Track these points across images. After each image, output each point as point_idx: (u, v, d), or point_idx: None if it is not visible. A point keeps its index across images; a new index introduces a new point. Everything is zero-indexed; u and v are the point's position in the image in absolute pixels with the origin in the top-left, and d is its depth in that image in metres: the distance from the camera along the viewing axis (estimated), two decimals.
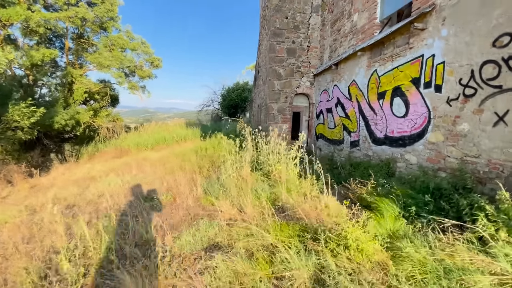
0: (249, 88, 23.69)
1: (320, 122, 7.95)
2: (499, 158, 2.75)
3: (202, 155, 7.85)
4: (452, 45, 3.28)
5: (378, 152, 4.91)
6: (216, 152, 8.31)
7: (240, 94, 22.17)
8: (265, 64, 8.99)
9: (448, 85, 3.36)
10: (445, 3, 3.38)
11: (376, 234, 2.55)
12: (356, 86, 5.74)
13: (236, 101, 21.78)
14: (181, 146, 11.58)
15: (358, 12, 5.75)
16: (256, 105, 11.92)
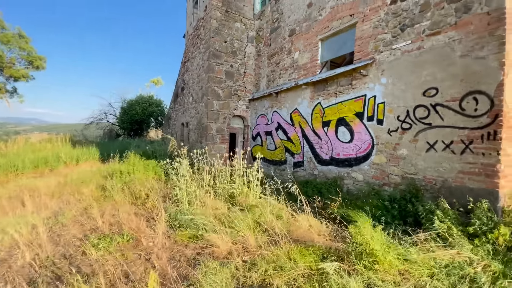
0: (155, 102, 21.86)
1: (258, 144, 8.34)
2: (432, 175, 3.84)
3: (127, 182, 6.60)
4: (391, 90, 4.41)
5: (325, 171, 5.68)
6: (147, 177, 7.18)
7: (145, 108, 20.07)
8: (199, 83, 8.74)
9: (388, 120, 4.43)
10: (383, 59, 4.54)
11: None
12: (299, 114, 6.51)
13: (141, 116, 19.51)
14: (76, 170, 9.26)
15: (299, 51, 6.68)
16: (180, 123, 11.16)
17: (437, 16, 3.83)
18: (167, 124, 14.07)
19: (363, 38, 4.92)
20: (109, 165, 9.10)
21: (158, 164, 7.84)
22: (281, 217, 4.08)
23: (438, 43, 3.80)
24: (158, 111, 21.50)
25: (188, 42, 10.59)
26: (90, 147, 11.82)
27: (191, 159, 8.01)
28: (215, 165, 6.76)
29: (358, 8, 5.03)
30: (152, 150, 9.72)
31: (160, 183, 6.63)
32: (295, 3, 6.89)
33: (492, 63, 3.24)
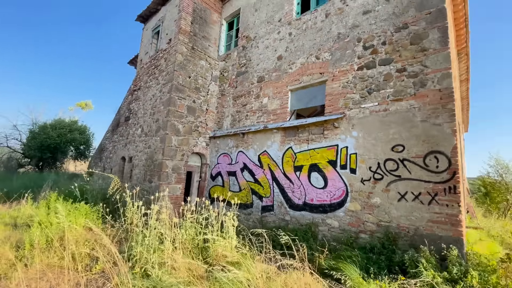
0: (79, 128, 18.84)
1: (218, 184, 7.81)
2: (405, 223, 4.21)
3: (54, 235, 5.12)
4: (362, 143, 4.90)
5: (297, 217, 5.62)
6: (79, 226, 5.73)
7: (63, 134, 16.98)
8: (154, 115, 7.99)
9: (361, 170, 4.83)
10: (353, 115, 5.10)
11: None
12: (268, 156, 6.51)
13: (56, 142, 16.30)
14: None
15: (268, 97, 6.96)
16: (119, 157, 9.68)
17: (398, 86, 4.63)
18: (98, 157, 11.99)
19: (333, 94, 5.49)
20: (15, 209, 6.89)
21: (95, 209, 6.36)
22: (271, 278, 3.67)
23: (402, 108, 4.53)
24: (81, 139, 18.42)
25: (141, 71, 9.80)
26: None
27: (144, 203, 6.85)
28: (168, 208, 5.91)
29: (328, 68, 5.69)
30: (82, 189, 7.93)
31: (102, 235, 5.27)
32: (264, 53, 7.36)
33: (447, 130, 4.00)
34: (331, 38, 5.80)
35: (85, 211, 6.31)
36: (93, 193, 7.78)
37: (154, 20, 9.69)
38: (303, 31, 6.43)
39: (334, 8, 5.90)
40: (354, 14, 5.52)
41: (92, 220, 6.29)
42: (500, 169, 9.60)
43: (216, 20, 9.17)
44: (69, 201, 7.34)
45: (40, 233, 4.79)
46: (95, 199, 7.75)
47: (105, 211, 6.58)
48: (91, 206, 6.60)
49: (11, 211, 6.92)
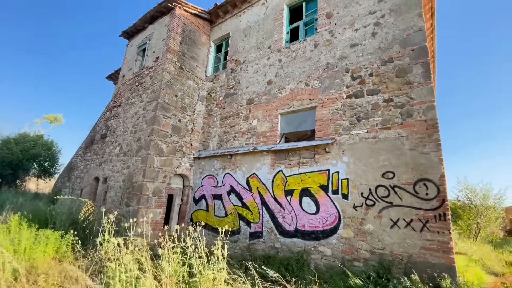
0: (45, 144, 17.39)
1: (201, 208, 7.43)
2: (398, 250, 4.22)
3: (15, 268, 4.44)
4: (353, 169, 4.97)
5: (288, 244, 5.43)
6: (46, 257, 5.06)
7: (27, 150, 15.54)
8: (136, 133, 7.62)
9: (353, 195, 4.86)
10: (344, 141, 5.22)
11: None
12: (257, 179, 6.37)
13: (19, 158, 14.84)
14: None
15: (257, 120, 6.96)
16: (92, 177, 8.95)
17: (386, 115, 4.87)
18: (66, 176, 11.00)
19: (323, 120, 5.63)
20: None
21: (65, 237, 5.67)
22: None
23: (390, 136, 4.73)
24: (46, 155, 16.93)
25: (122, 87, 9.43)
26: None
27: (122, 230, 6.24)
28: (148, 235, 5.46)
29: (317, 95, 5.88)
30: (50, 212, 7.11)
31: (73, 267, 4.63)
32: (254, 77, 7.48)
33: (434, 159, 4.21)
34: (320, 67, 6.06)
35: (54, 239, 5.59)
36: (62, 218, 6.97)
37: (140, 37, 9.54)
38: (293, 58, 6.67)
39: (323, 39, 6.23)
40: (342, 46, 5.86)
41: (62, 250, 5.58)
42: (469, 193, 10.31)
43: (205, 42, 9.26)
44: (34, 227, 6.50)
45: (3, 265, 4.08)
46: (64, 224, 6.94)
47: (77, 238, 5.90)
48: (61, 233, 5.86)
49: None
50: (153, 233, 6.79)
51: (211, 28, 9.53)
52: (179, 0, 8.24)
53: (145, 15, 8.90)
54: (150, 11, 8.72)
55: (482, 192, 9.81)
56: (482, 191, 9.87)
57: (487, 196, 9.68)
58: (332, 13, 6.28)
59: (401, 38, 5.12)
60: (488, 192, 9.93)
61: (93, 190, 8.94)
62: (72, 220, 7.61)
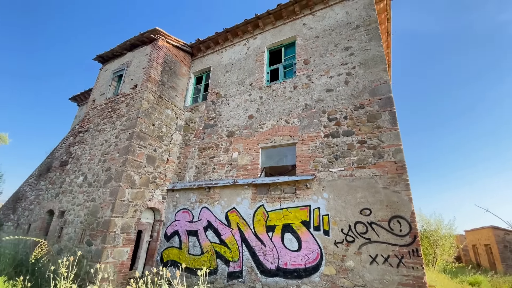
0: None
1: (174, 246, 6.93)
2: (379, 287, 4.38)
3: None
4: (333, 205, 5.22)
5: (270, 284, 5.27)
6: None
7: None
8: (105, 162, 7.16)
9: (334, 232, 5.04)
10: (323, 177, 5.52)
11: None
12: (237, 214, 6.26)
13: None
14: None
15: (238, 152, 7.04)
16: (44, 210, 7.93)
17: (361, 155, 5.33)
18: (11, 207, 9.52)
19: (303, 156, 5.93)
20: None
21: (10, 284, 4.81)
22: None
23: (365, 175, 5.14)
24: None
25: (92, 112, 8.90)
26: None
27: (83, 274, 5.52)
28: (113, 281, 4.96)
29: (297, 132, 6.24)
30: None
31: None
32: (235, 111, 7.70)
33: (404, 197, 4.65)
34: (299, 107, 6.52)
35: None
36: (5, 259, 5.90)
37: (116, 63, 9.33)
38: (273, 97, 7.09)
39: (301, 82, 6.80)
40: (318, 90, 6.45)
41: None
42: (424, 224, 11.30)
43: (185, 73, 9.39)
44: None
45: None
46: (5, 266, 5.86)
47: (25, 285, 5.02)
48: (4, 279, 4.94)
49: None
50: (118, 276, 6.09)
51: (192, 60, 9.77)
52: (162, 32, 8.41)
53: (125, 42, 8.83)
54: (131, 39, 8.70)
55: (436, 223, 10.86)
56: (436, 221, 10.93)
57: (440, 226, 10.71)
58: (309, 60, 6.97)
59: (370, 88, 5.84)
60: (440, 223, 11.02)
61: (45, 225, 7.84)
62: (18, 261, 6.48)
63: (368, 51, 6.20)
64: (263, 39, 8.23)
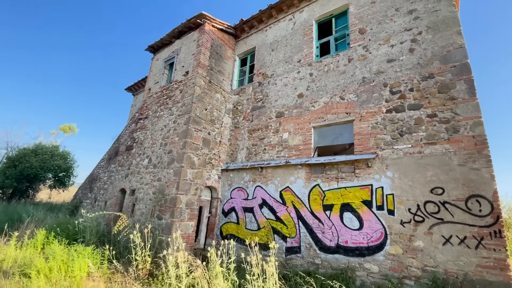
0: (61, 154, 17.54)
1: (231, 221, 7.39)
2: (453, 268, 4.15)
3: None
4: (398, 184, 4.95)
5: (330, 260, 5.35)
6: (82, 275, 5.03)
7: (45, 161, 15.65)
8: (166, 146, 7.73)
9: (400, 211, 4.82)
10: (386, 155, 5.22)
11: None
12: (292, 193, 6.35)
13: (36, 170, 14.91)
14: None
15: (288, 133, 7.01)
16: (117, 189, 8.99)
17: (431, 130, 4.88)
18: (88, 187, 11.05)
19: (362, 134, 5.65)
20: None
21: (97, 252, 5.65)
22: None
23: (437, 151, 4.72)
24: (63, 166, 17.05)
25: (149, 100, 9.59)
26: None
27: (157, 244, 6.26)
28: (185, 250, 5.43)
29: (355, 109, 5.93)
30: (78, 227, 7.11)
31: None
32: (283, 90, 7.58)
33: (485, 175, 4.19)
34: (355, 81, 6.14)
35: (88, 255, 5.57)
36: (91, 231, 6.96)
37: (166, 52, 9.77)
38: (325, 72, 6.77)
39: (357, 54, 6.34)
40: (378, 61, 5.95)
41: (97, 266, 5.57)
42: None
43: (230, 56, 9.44)
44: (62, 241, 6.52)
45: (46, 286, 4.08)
46: (91, 237, 6.93)
47: (111, 254, 5.89)
48: (93, 248, 5.85)
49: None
50: (186, 247, 6.76)
51: (236, 42, 9.74)
52: (207, 16, 8.47)
53: (173, 30, 9.14)
54: (178, 26, 8.96)
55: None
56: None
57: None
58: (365, 29, 6.40)
59: (441, 55, 5.19)
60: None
61: (118, 202, 8.96)
62: (101, 233, 7.60)
63: (437, 12, 5.45)
64: (310, 11, 7.77)
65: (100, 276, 5.37)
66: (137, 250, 5.44)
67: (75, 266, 5.01)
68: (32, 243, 6.48)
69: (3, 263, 5.53)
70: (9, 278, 4.76)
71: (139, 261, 5.47)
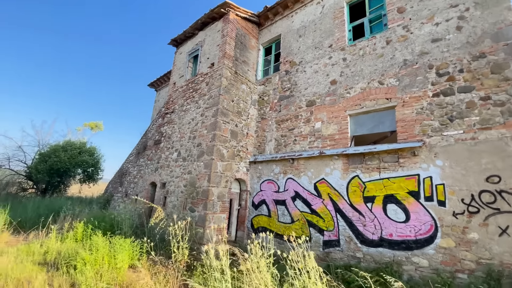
0: (88, 150, 18.18)
1: (262, 214, 7.31)
2: (510, 260, 3.82)
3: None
4: (449, 173, 4.60)
5: (373, 254, 5.13)
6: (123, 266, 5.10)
7: (74, 157, 16.27)
8: (194, 139, 7.70)
9: (452, 202, 4.49)
10: (435, 143, 4.86)
11: None
12: (328, 185, 6.13)
13: (66, 165, 15.54)
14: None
15: (321, 122, 6.73)
16: (147, 183, 9.14)
17: (484, 114, 4.46)
18: (118, 181, 11.37)
19: (405, 120, 5.29)
20: (37, 242, 6.17)
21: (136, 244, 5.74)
22: None
23: (492, 137, 4.32)
24: (90, 161, 17.70)
25: (174, 94, 9.60)
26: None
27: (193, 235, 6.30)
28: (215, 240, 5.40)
29: (396, 94, 5.55)
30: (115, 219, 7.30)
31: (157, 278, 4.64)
32: (313, 78, 7.27)
33: None
34: (396, 64, 5.74)
35: (128, 247, 5.67)
36: (127, 223, 7.13)
37: (190, 44, 9.68)
38: (360, 56, 6.39)
39: (396, 35, 5.90)
40: (421, 41, 5.51)
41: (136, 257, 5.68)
42: None
43: (254, 45, 9.20)
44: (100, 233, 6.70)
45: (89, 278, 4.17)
46: (127, 228, 7.10)
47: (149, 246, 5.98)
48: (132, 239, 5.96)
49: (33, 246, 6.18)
50: (219, 239, 6.77)
51: (259, 31, 9.47)
52: (231, 5, 8.25)
53: (196, 22, 9.00)
54: (201, 17, 8.80)
55: None
56: None
57: None
58: (405, 7, 5.94)
59: (492, 32, 4.71)
60: None
61: (149, 195, 9.14)
62: (135, 225, 7.79)
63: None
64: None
65: (142, 267, 5.49)
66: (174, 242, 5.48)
67: (118, 257, 5.14)
68: (71, 236, 6.72)
69: (47, 255, 5.77)
70: (56, 270, 4.94)
71: (177, 253, 5.52)
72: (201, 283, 4.56)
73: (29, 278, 4.31)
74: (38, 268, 4.93)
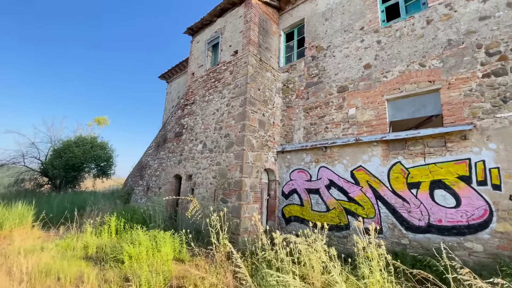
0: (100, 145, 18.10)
1: (294, 203, 7.22)
2: None
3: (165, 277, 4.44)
4: (504, 156, 4.44)
5: (420, 240, 5.05)
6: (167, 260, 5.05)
7: (87, 151, 16.25)
8: (221, 130, 7.55)
9: (508, 186, 4.35)
10: (487, 125, 4.67)
11: None
12: (366, 172, 6.00)
13: (80, 159, 15.53)
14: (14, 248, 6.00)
15: (355, 108, 6.53)
16: (171, 175, 9.06)
17: None
18: (138, 174, 11.30)
19: (453, 103, 5.09)
20: (73, 236, 6.14)
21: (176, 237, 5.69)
22: None
23: None
24: (103, 155, 17.67)
25: (194, 84, 9.36)
26: (13, 205, 7.79)
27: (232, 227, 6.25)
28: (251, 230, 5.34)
29: (440, 76, 5.32)
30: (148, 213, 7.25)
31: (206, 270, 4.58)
32: (344, 62, 7.01)
33: None
34: (438, 45, 5.48)
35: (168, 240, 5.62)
36: (160, 216, 7.09)
37: (208, 32, 9.36)
38: (397, 38, 6.12)
39: (438, 14, 5.61)
40: (467, 19, 5.23)
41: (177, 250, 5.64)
42: None
43: (275, 31, 8.88)
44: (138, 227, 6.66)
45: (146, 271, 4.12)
46: (160, 221, 7.06)
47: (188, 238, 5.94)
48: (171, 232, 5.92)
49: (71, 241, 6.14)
50: (253, 229, 6.72)
51: (280, 16, 9.12)
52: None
53: (214, 8, 8.66)
54: (220, 3, 8.46)
55: None
56: None
57: None
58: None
59: None
60: None
61: (173, 187, 9.07)
62: (164, 217, 7.75)
63: None
64: None
65: (184, 260, 5.46)
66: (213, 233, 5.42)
67: (162, 250, 5.09)
68: (105, 229, 6.68)
69: (87, 250, 5.74)
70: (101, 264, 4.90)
71: (217, 244, 5.47)
72: (253, 275, 4.51)
73: (80, 273, 4.27)
74: (84, 263, 4.89)
